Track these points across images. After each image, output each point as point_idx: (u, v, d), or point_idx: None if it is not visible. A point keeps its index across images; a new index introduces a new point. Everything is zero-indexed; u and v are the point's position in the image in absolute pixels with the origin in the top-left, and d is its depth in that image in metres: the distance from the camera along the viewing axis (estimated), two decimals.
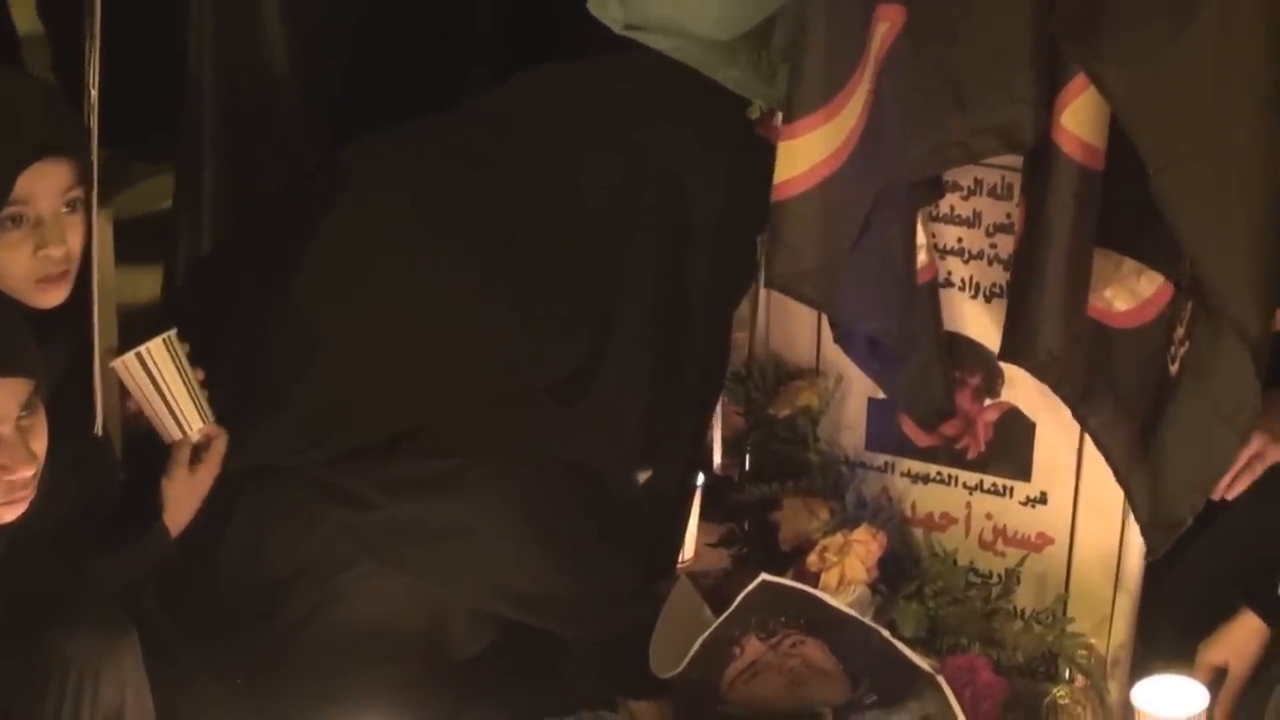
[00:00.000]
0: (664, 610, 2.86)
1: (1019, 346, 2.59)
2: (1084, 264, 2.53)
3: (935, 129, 2.52)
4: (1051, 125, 2.47)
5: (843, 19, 2.40)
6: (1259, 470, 2.68)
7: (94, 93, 2.42)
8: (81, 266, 2.46)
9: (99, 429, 2.45)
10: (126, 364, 2.48)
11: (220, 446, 2.58)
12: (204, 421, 2.55)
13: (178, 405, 2.52)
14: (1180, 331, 2.59)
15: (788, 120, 2.46)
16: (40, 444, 2.21)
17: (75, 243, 2.43)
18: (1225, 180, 2.42)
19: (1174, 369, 2.61)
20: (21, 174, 2.37)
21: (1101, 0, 2.35)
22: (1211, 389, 2.58)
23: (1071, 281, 2.53)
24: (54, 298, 2.42)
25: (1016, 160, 2.65)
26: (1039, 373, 2.63)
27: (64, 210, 2.41)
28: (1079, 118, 2.45)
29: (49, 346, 2.45)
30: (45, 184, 2.39)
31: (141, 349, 2.48)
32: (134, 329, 2.62)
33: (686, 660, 2.70)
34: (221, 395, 2.60)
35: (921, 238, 2.73)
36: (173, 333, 2.51)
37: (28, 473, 2.19)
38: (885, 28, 2.44)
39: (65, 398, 2.42)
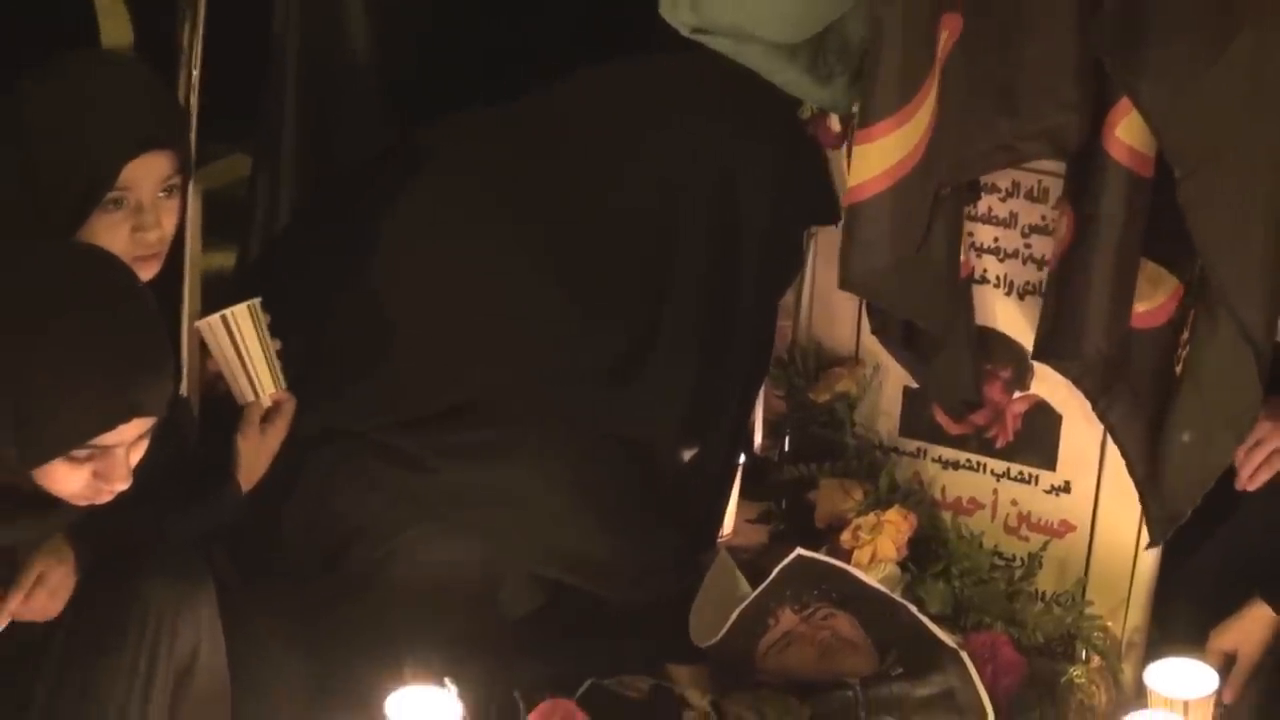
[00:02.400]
0: (704, 583, 2.89)
1: (1062, 346, 2.62)
2: (1132, 267, 2.57)
3: (986, 133, 2.56)
4: (1105, 135, 2.50)
5: (914, 27, 2.41)
6: (1277, 467, 2.71)
7: (195, 73, 2.49)
8: (175, 240, 2.50)
9: (182, 390, 2.52)
10: (211, 325, 2.53)
11: (289, 410, 2.62)
12: (277, 387, 2.59)
13: (254, 369, 2.57)
14: (1185, 334, 2.63)
15: (863, 125, 2.46)
16: (136, 459, 2.25)
17: (169, 225, 2.49)
18: (1248, 190, 2.46)
19: (1178, 370, 2.64)
20: (126, 165, 2.43)
21: (1141, 16, 2.38)
22: (1206, 390, 2.61)
23: (1121, 284, 2.56)
24: (146, 274, 2.46)
25: (1053, 164, 2.70)
26: (1067, 369, 2.66)
27: (161, 196, 2.47)
28: (1133, 128, 2.48)
29: None
30: (147, 173, 2.44)
31: (227, 312, 2.54)
32: (210, 300, 2.69)
33: (724, 630, 2.74)
34: (292, 362, 2.64)
35: None
36: (257, 301, 2.56)
37: (122, 488, 2.24)
38: (945, 36, 2.46)
39: None
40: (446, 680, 2.49)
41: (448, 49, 3.26)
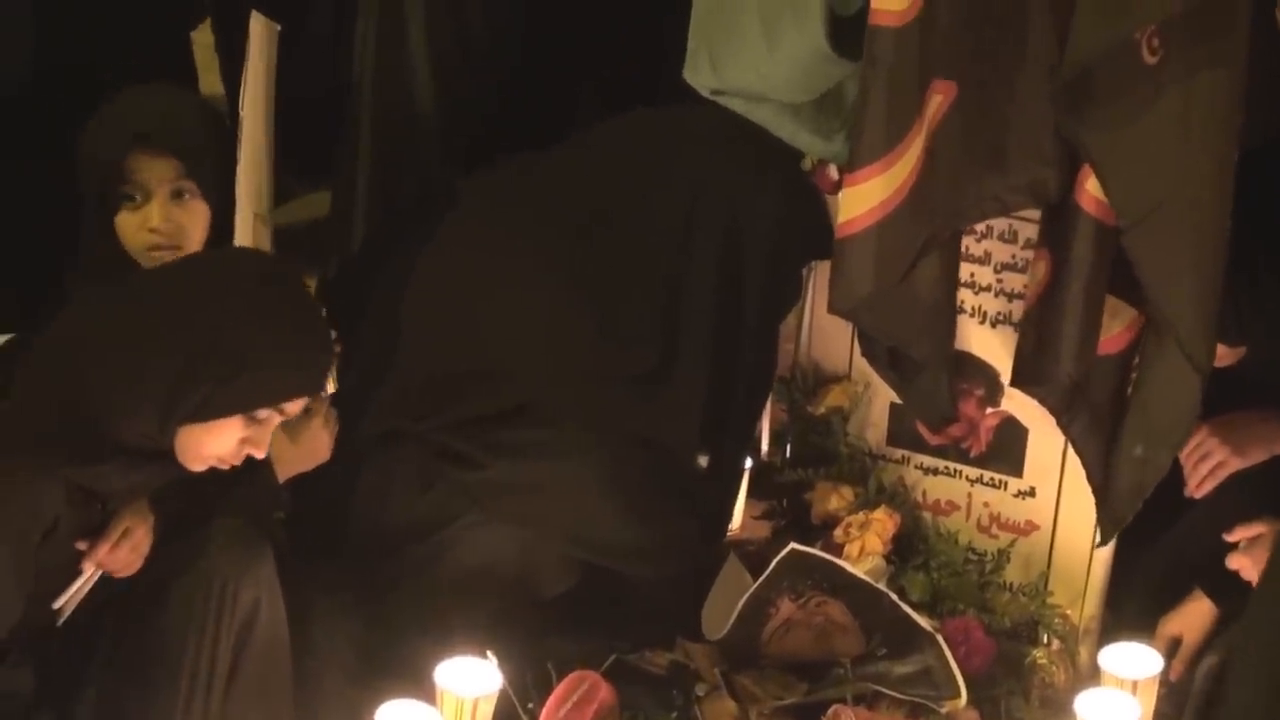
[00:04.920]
0: (716, 583, 2.97)
1: (1038, 373, 2.70)
2: (1099, 304, 2.66)
3: (978, 186, 2.65)
4: (1077, 190, 2.58)
5: (898, 89, 2.49)
6: (1221, 477, 2.82)
7: (242, 113, 2.63)
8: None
9: None
10: None
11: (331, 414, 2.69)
12: (330, 387, 2.65)
13: None
14: (1137, 360, 2.73)
15: (850, 169, 2.53)
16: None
17: (183, 222, 2.58)
18: (1184, 233, 2.56)
19: (1129, 392, 2.74)
20: (128, 159, 2.55)
21: (1090, 77, 2.48)
22: (1149, 410, 2.70)
23: (1089, 318, 2.66)
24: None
25: (1022, 211, 2.78)
26: (1036, 391, 2.73)
27: (170, 195, 2.57)
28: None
29: None
30: (151, 172, 2.57)
31: None
32: None
33: (732, 621, 2.82)
34: (359, 370, 2.76)
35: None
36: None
37: (259, 456, 2.39)
38: (939, 100, 2.56)
39: None
40: (488, 653, 2.56)
41: (502, 99, 3.33)
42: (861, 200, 2.54)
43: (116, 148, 2.57)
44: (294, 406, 2.38)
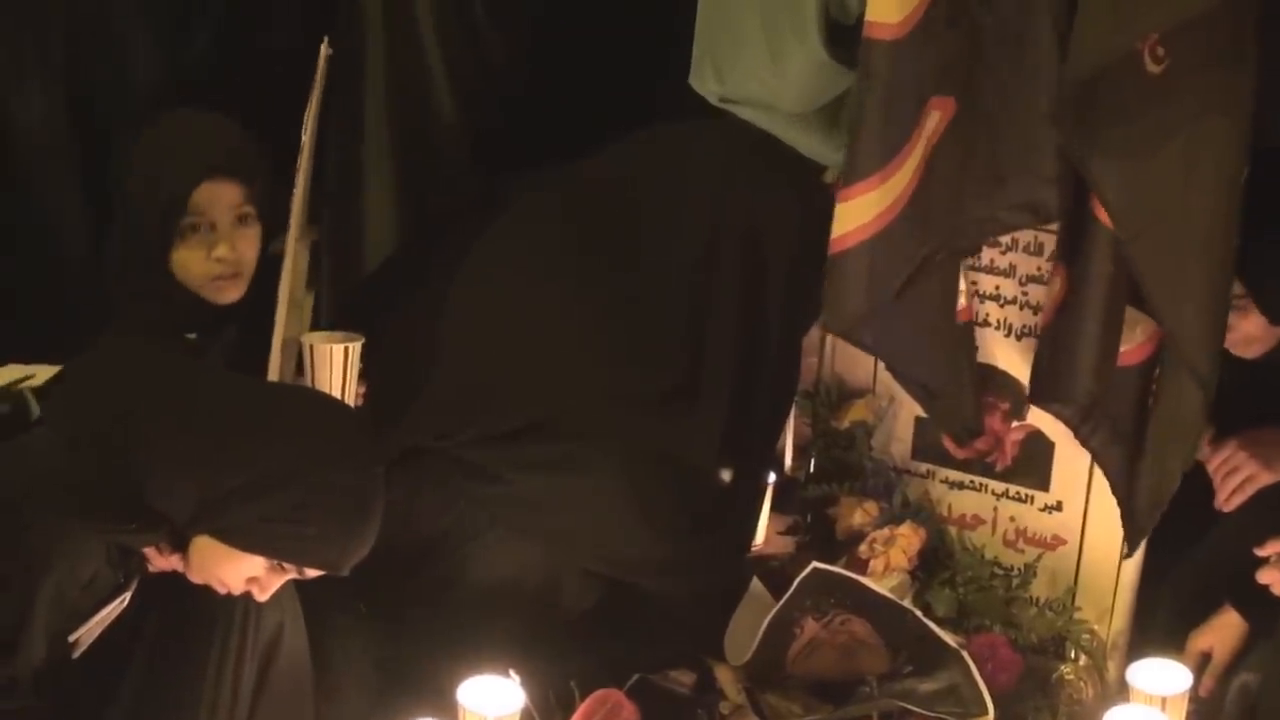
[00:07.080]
0: (739, 609, 2.97)
1: (1057, 390, 2.69)
2: (1119, 318, 2.65)
3: (977, 204, 2.63)
4: (1094, 204, 2.54)
5: (895, 106, 2.48)
6: (1250, 491, 2.81)
7: (305, 139, 2.65)
8: (269, 275, 2.62)
9: None
10: (334, 351, 2.62)
11: None
12: None
13: (346, 397, 2.64)
14: (1158, 372, 2.72)
15: (844, 184, 2.53)
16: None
17: (245, 249, 2.64)
18: (1189, 249, 2.53)
19: (1151, 403, 2.73)
20: (195, 190, 2.59)
21: (1093, 90, 2.42)
22: (1165, 422, 2.70)
23: (1109, 333, 2.64)
24: (227, 295, 2.64)
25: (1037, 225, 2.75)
26: (1053, 407, 2.72)
27: (234, 222, 2.63)
28: None
29: (227, 333, 2.66)
30: (217, 199, 2.61)
31: (353, 344, 2.64)
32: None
33: (756, 643, 2.81)
34: (384, 386, 2.75)
35: (962, 284, 2.83)
36: (361, 342, 2.65)
37: (258, 600, 2.36)
38: (938, 116, 2.54)
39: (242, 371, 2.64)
40: (511, 671, 2.56)
41: (521, 114, 3.31)
42: (853, 216, 2.52)
43: (185, 180, 2.59)
44: (314, 572, 2.36)
